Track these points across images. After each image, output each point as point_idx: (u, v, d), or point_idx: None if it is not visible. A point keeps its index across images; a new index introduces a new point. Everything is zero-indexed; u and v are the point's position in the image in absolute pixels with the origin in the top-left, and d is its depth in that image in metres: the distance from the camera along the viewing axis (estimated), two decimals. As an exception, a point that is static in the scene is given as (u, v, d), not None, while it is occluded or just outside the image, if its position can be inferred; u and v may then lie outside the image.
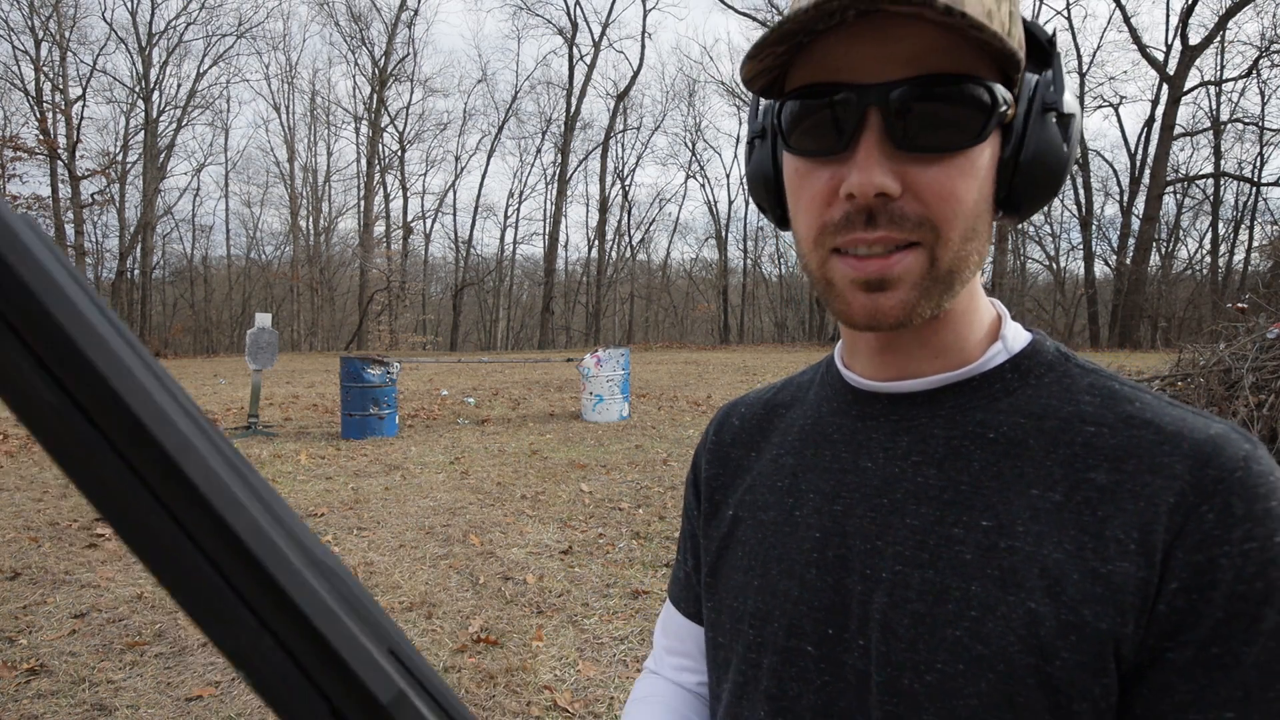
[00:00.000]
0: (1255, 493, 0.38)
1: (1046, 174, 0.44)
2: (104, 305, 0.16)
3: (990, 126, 0.41)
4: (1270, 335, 4.14)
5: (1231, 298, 11.07)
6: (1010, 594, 0.41)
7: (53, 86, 22.74)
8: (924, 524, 0.45)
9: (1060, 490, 0.42)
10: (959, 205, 0.42)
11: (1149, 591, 0.38)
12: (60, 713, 2.17)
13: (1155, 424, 0.42)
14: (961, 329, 0.47)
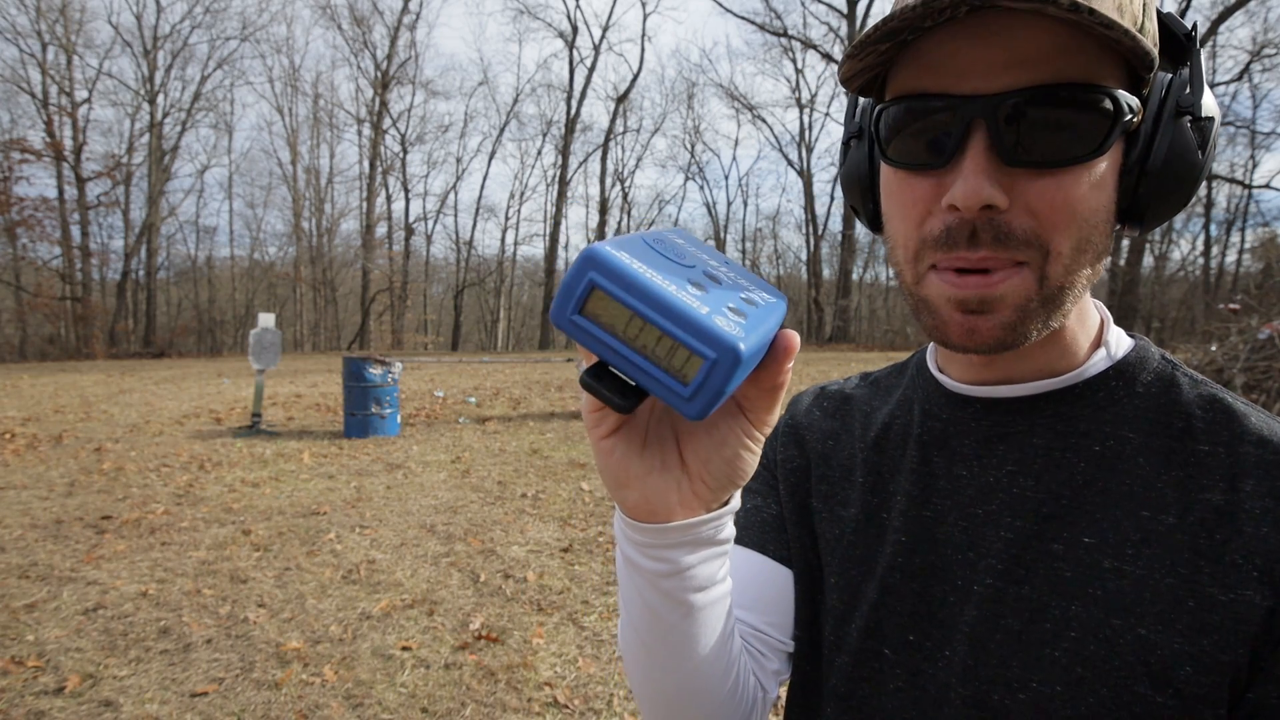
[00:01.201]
0: None
1: (1176, 183, 0.39)
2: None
3: (1113, 138, 0.38)
4: (1261, 336, 4.16)
5: (1224, 299, 11.05)
6: (1116, 617, 0.39)
7: (59, 90, 22.85)
8: (1020, 537, 0.43)
9: (1173, 513, 0.39)
10: (1073, 219, 0.38)
11: (1275, 620, 0.36)
12: (67, 709, 2.21)
13: (1272, 441, 0.39)
14: (1066, 335, 0.44)
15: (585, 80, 27.61)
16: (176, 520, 4.15)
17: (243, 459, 5.81)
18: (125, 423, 7.64)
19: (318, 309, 29.70)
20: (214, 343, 26.84)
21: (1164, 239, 24.27)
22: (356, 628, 2.76)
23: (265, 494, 4.75)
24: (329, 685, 2.34)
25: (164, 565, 3.42)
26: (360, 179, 29.06)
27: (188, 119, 25.39)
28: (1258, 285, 6.27)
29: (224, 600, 3.02)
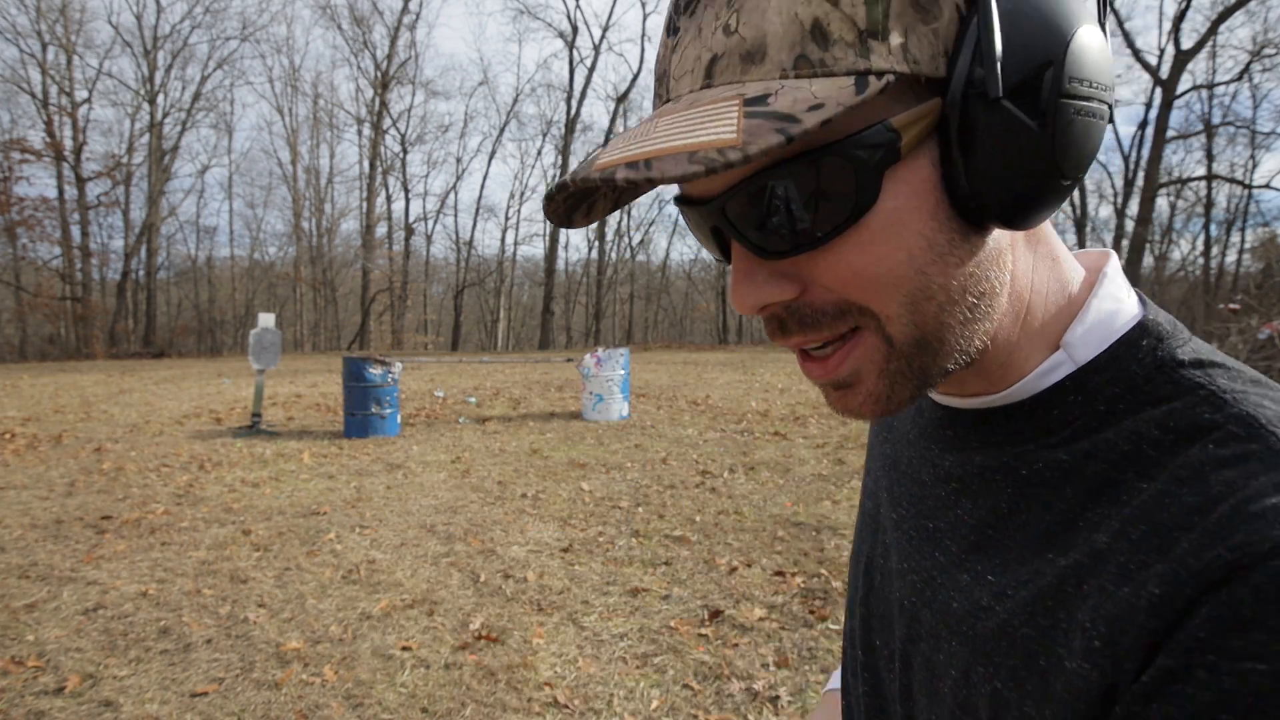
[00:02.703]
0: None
1: (1025, 180, 0.30)
2: None
3: (870, 187, 0.30)
4: (1261, 336, 4.16)
5: (1224, 299, 11.04)
6: (980, 664, 0.34)
7: (59, 90, 22.86)
8: (947, 560, 0.39)
9: (1072, 555, 0.32)
10: (877, 279, 0.31)
11: (1111, 704, 0.28)
12: (67, 709, 2.21)
13: (1205, 477, 0.29)
14: (999, 352, 0.36)
15: (585, 80, 27.71)
16: (176, 520, 4.15)
17: (243, 459, 5.81)
18: (125, 423, 7.64)
19: (318, 309, 29.71)
20: (214, 343, 26.84)
21: (1164, 239, 24.29)
22: (356, 628, 2.76)
23: (265, 494, 4.75)
24: (329, 685, 2.34)
25: (164, 565, 3.42)
26: (360, 179, 29.09)
27: (188, 119, 25.41)
28: (1258, 285, 6.27)
29: (224, 600, 3.02)
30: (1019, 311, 0.36)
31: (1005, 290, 0.34)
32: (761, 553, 3.56)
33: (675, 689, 2.32)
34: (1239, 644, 0.25)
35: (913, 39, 0.29)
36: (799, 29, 0.29)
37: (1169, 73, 19.92)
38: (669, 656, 2.52)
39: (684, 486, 4.89)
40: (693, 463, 5.61)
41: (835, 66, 0.29)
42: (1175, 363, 0.34)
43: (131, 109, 24.44)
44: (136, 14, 26.17)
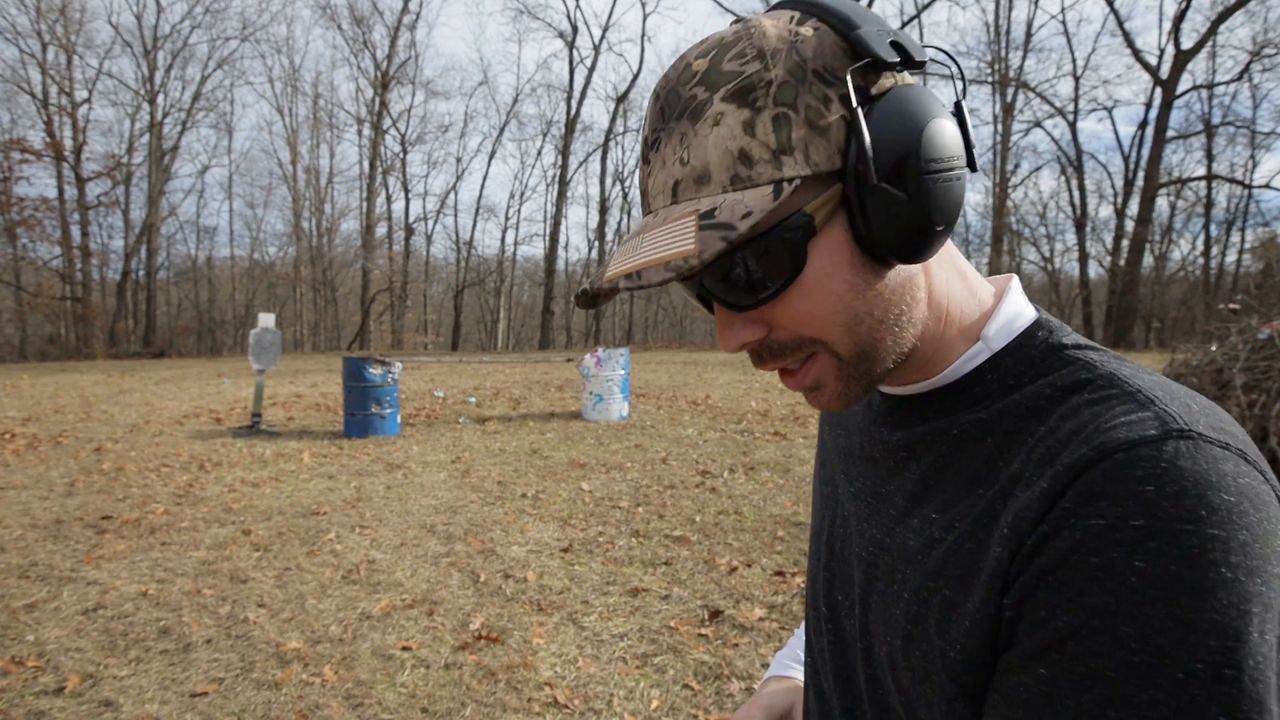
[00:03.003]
0: (1128, 474, 0.36)
1: (908, 233, 0.41)
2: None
3: (798, 257, 0.41)
4: (1261, 336, 4.16)
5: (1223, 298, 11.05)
6: (932, 581, 0.44)
7: (59, 90, 22.85)
8: (898, 513, 0.49)
9: (996, 485, 0.42)
10: (818, 319, 0.43)
11: (1011, 571, 0.39)
12: (67, 709, 2.21)
13: (1081, 413, 0.41)
14: (926, 349, 0.48)
15: (585, 80, 27.68)
16: (176, 520, 4.15)
17: (243, 459, 5.81)
18: (125, 423, 7.64)
19: (318, 309, 29.70)
20: (214, 343, 26.84)
21: (1164, 239, 24.29)
22: (356, 628, 2.76)
23: (265, 494, 4.75)
24: (329, 685, 2.34)
25: (164, 565, 3.42)
26: (360, 179, 29.08)
27: (188, 119, 25.40)
28: (1258, 285, 6.26)
29: (224, 600, 3.02)
30: (940, 316, 0.48)
31: (922, 304, 0.46)
32: (761, 553, 3.56)
33: (675, 689, 2.32)
34: (1089, 509, 0.36)
35: (812, 149, 0.40)
36: (730, 157, 0.41)
37: (1169, 73, 19.92)
38: (669, 656, 2.52)
39: (684, 486, 4.89)
40: (693, 463, 5.61)
41: (759, 179, 0.40)
42: (1062, 346, 0.46)
43: (131, 109, 24.45)
44: (136, 14, 26.16)
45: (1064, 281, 27.25)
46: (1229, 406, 3.80)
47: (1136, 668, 0.34)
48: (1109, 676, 0.34)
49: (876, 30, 0.41)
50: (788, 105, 0.40)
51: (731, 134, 0.40)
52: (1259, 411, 3.73)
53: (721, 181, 0.41)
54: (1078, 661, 0.35)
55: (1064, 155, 24.09)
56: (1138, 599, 0.34)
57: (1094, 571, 0.35)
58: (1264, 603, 0.34)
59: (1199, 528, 0.34)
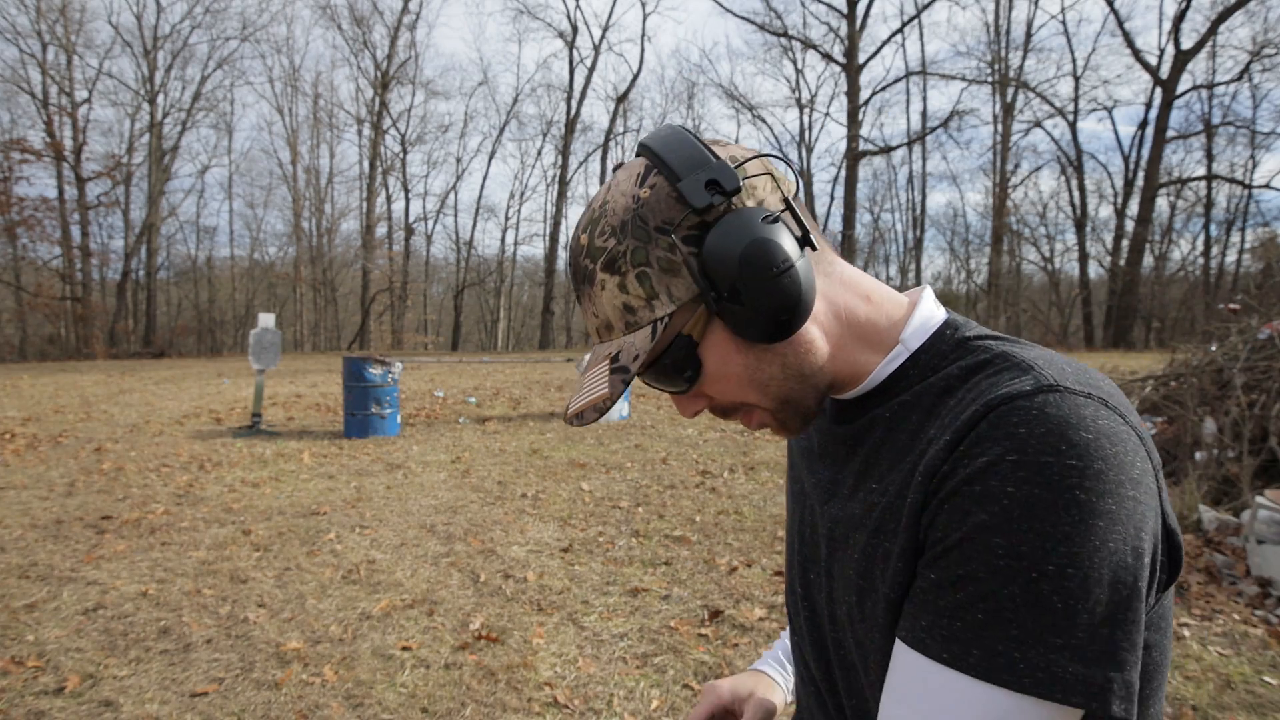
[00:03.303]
0: (1006, 420, 0.45)
1: (767, 323, 0.51)
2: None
3: (692, 363, 0.54)
4: (1261, 336, 4.16)
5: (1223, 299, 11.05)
6: (873, 538, 0.52)
7: (59, 90, 22.85)
8: (848, 491, 0.58)
9: (917, 451, 0.51)
10: (735, 392, 0.55)
11: (923, 513, 0.48)
12: (67, 709, 2.21)
13: (980, 384, 0.50)
14: (846, 370, 0.57)
15: (585, 80, 27.61)
16: (176, 520, 4.15)
17: (243, 459, 5.81)
18: (125, 423, 7.64)
19: (318, 309, 29.69)
20: (214, 343, 26.84)
21: (1164, 239, 24.28)
22: (356, 628, 2.76)
23: (265, 494, 4.75)
24: (329, 685, 2.34)
25: (164, 565, 3.42)
26: (360, 179, 29.07)
27: (188, 119, 25.39)
28: (1258, 285, 6.26)
29: (224, 600, 3.02)
30: (851, 343, 0.56)
31: (820, 349, 0.55)
32: (761, 553, 3.56)
33: (675, 689, 2.32)
34: (977, 450, 0.45)
35: (673, 287, 0.51)
36: (619, 311, 0.53)
37: (1169, 73, 19.92)
38: (669, 656, 2.52)
39: (684, 486, 4.89)
40: (693, 463, 5.61)
41: (642, 322, 0.52)
42: (967, 338, 0.55)
43: (131, 109, 24.44)
44: (136, 14, 26.16)
45: (1064, 281, 27.23)
46: (1229, 406, 3.80)
47: (1001, 570, 0.42)
48: (980, 576, 0.43)
49: (695, 179, 0.50)
50: (643, 264, 0.51)
51: (613, 295, 0.53)
52: (1259, 411, 3.73)
53: (619, 328, 0.53)
54: (958, 565, 0.44)
55: (1064, 155, 24.08)
56: (1006, 515, 0.42)
57: (977, 496, 0.44)
58: (1113, 519, 0.42)
59: (1059, 459, 0.42)
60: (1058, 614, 0.41)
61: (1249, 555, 3.10)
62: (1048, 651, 0.41)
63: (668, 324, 0.52)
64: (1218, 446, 3.82)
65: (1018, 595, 0.42)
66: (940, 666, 0.44)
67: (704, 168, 0.50)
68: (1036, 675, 0.41)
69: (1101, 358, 13.53)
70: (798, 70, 30.74)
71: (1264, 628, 2.66)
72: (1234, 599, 2.90)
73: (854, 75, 23.34)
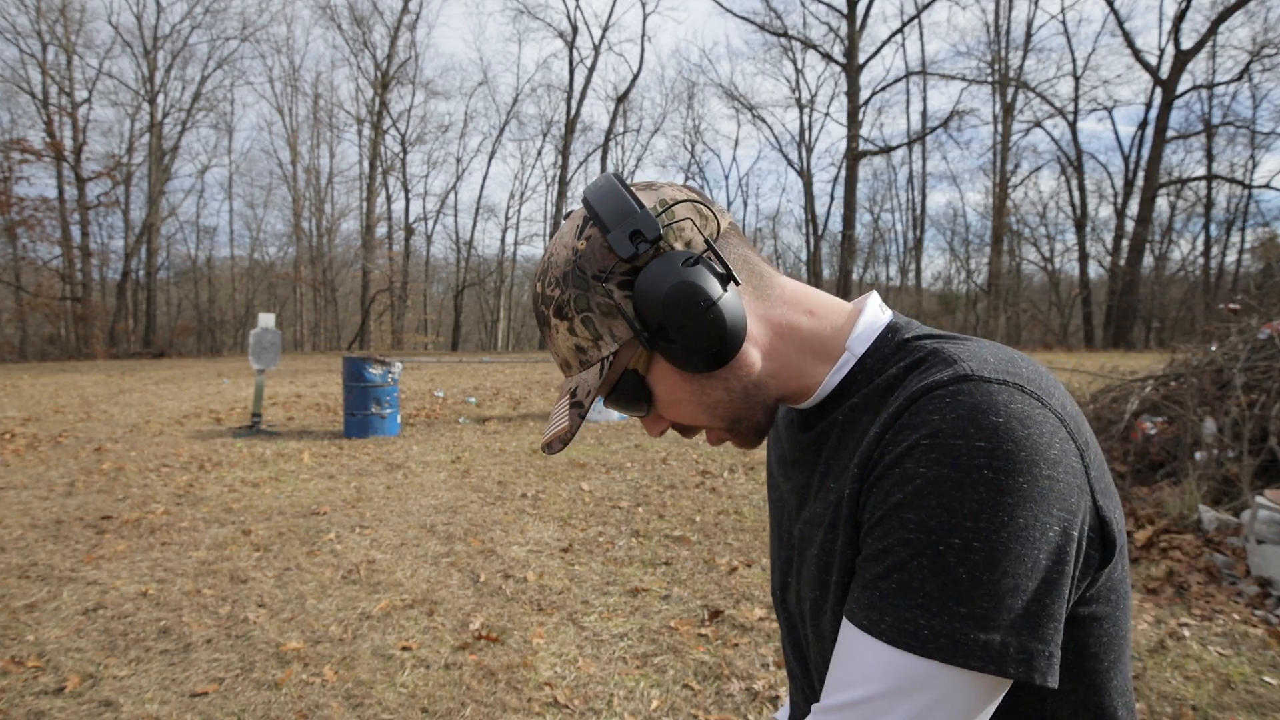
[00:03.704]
0: (924, 408, 0.48)
1: (700, 355, 0.56)
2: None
3: (643, 392, 0.59)
4: (1261, 336, 4.16)
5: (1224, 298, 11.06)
6: (828, 534, 0.55)
7: (59, 90, 22.84)
8: (811, 493, 0.60)
9: (861, 447, 0.53)
10: (687, 416, 0.60)
11: (856, 503, 0.52)
12: (67, 709, 2.21)
13: (914, 378, 0.53)
14: (794, 383, 0.60)
15: (585, 80, 27.61)
16: (176, 520, 4.15)
17: (243, 459, 5.81)
18: (125, 423, 7.64)
19: (318, 309, 29.69)
20: (214, 343, 26.83)
21: (1164, 239, 24.28)
22: (356, 628, 2.76)
23: (265, 494, 4.75)
24: (329, 685, 2.34)
25: (164, 565, 3.42)
26: (360, 179, 29.07)
27: (188, 119, 25.38)
28: (1258, 285, 6.26)
29: (224, 600, 3.02)
30: (796, 360, 0.60)
31: (759, 368, 0.58)
32: (761, 552, 3.56)
33: (675, 689, 2.32)
34: (899, 437, 0.49)
35: (614, 327, 0.57)
36: (572, 351, 0.59)
37: (1169, 73, 19.92)
38: (669, 656, 2.52)
39: (684, 486, 4.89)
40: (693, 463, 5.61)
41: (592, 360, 0.58)
42: (907, 339, 0.58)
43: (131, 109, 24.43)
44: (136, 14, 26.17)
45: (1064, 281, 27.22)
46: (1229, 406, 3.80)
47: (912, 543, 0.46)
48: (895, 550, 0.47)
49: (621, 231, 0.54)
50: (586, 309, 0.56)
51: (565, 338, 0.58)
52: (1259, 411, 3.73)
53: (575, 366, 0.59)
54: (877, 540, 0.48)
55: (1064, 155, 24.07)
56: (918, 493, 0.46)
57: (896, 478, 0.48)
58: (1025, 496, 0.45)
59: (968, 442, 0.45)
60: (962, 584, 0.44)
61: (1249, 555, 3.10)
62: (951, 620, 0.44)
63: (613, 361, 0.57)
64: (1218, 446, 3.82)
65: (925, 566, 0.45)
66: (859, 633, 0.48)
67: (629, 218, 0.54)
68: (939, 640, 0.44)
69: (1101, 358, 13.53)
70: (798, 70, 30.73)
71: (1264, 628, 2.66)
72: (1234, 599, 2.90)
73: (854, 75, 23.34)
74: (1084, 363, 11.51)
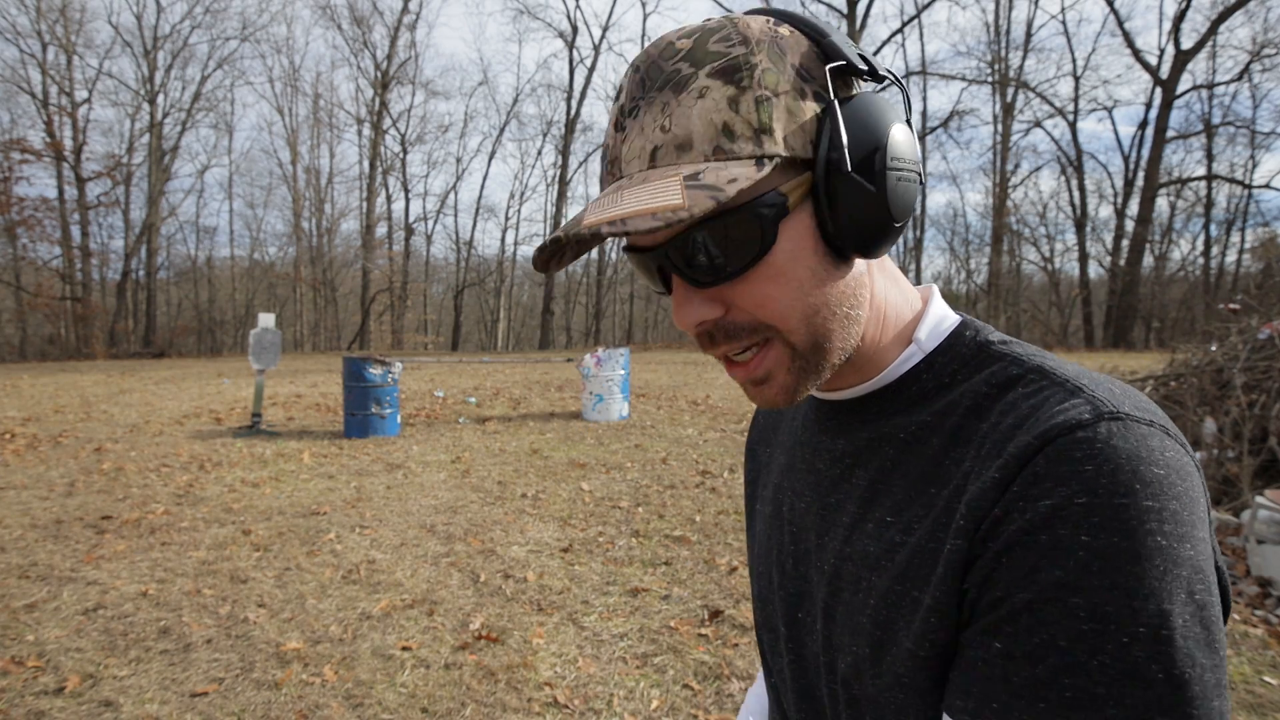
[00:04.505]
0: (1069, 456, 0.38)
1: (870, 224, 0.43)
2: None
3: (770, 234, 0.42)
4: (1261, 336, 4.16)
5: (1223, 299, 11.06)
6: (898, 584, 0.44)
7: (59, 90, 22.84)
8: (852, 520, 0.49)
9: (946, 485, 0.44)
10: (779, 303, 0.44)
11: (971, 564, 0.40)
12: (67, 709, 2.21)
13: (1020, 406, 0.43)
14: (866, 350, 0.49)
15: (585, 80, 27.67)
16: (176, 520, 4.15)
17: (243, 459, 5.81)
18: (125, 423, 7.64)
19: (318, 309, 29.70)
20: (214, 343, 26.84)
21: (1164, 239, 24.29)
22: (356, 628, 2.76)
23: (265, 494, 4.75)
24: (329, 685, 2.34)
25: (164, 565, 3.42)
26: (360, 179, 29.08)
27: (188, 119, 25.39)
28: (1258, 285, 6.27)
29: (224, 600, 3.02)
30: (879, 318, 0.49)
31: (868, 303, 0.48)
32: (761, 553, 3.56)
33: (675, 689, 2.32)
34: (1036, 490, 0.38)
35: (789, 134, 0.42)
36: (714, 129, 0.42)
37: (1169, 73, 19.93)
38: (669, 656, 2.52)
39: (684, 486, 4.89)
40: (693, 463, 5.61)
41: (741, 153, 0.42)
42: (989, 343, 0.48)
43: (131, 109, 24.44)
44: (136, 14, 26.19)
45: (1064, 281, 27.23)
46: (1229, 406, 3.80)
47: (1085, 635, 0.36)
48: (1060, 646, 0.36)
49: (844, 42, 0.44)
50: (770, 90, 0.42)
51: (716, 107, 0.42)
52: (1259, 411, 3.73)
53: (704, 150, 0.42)
54: (1031, 634, 0.37)
55: (1064, 155, 24.08)
56: (1084, 571, 0.36)
57: (1045, 549, 0.37)
58: (1193, 565, 0.36)
59: (1135, 500, 0.36)
60: (1160, 685, 0.35)
61: (1249, 555, 3.10)
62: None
63: (773, 170, 0.42)
64: (1218, 446, 3.82)
65: (1110, 666, 0.35)
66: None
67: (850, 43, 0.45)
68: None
69: (1101, 358, 13.53)
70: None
71: (1264, 628, 2.65)
72: (1234, 599, 2.90)
73: (854, 75, 23.30)
74: (1084, 363, 11.52)
